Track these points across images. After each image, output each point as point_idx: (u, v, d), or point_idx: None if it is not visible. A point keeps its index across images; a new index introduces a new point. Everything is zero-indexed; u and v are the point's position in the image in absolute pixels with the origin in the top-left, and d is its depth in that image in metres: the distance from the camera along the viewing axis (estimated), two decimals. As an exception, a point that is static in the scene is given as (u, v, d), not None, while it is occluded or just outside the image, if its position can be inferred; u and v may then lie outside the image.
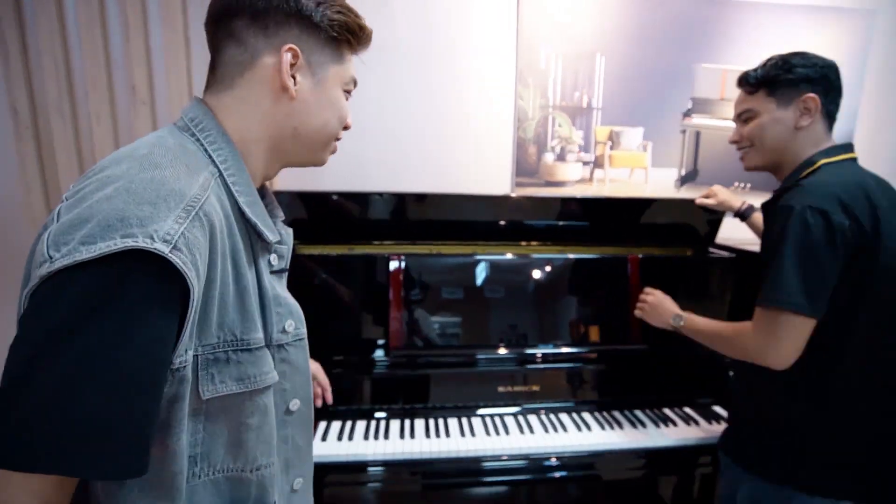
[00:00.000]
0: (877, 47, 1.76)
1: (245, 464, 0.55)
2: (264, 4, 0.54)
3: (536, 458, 1.15)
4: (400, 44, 1.59)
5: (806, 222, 0.82)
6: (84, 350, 0.39)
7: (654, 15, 1.65)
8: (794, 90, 0.93)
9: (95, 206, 0.42)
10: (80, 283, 0.40)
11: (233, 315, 0.51)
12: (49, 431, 0.38)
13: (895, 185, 0.95)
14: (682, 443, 1.19)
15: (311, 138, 0.60)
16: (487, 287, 1.35)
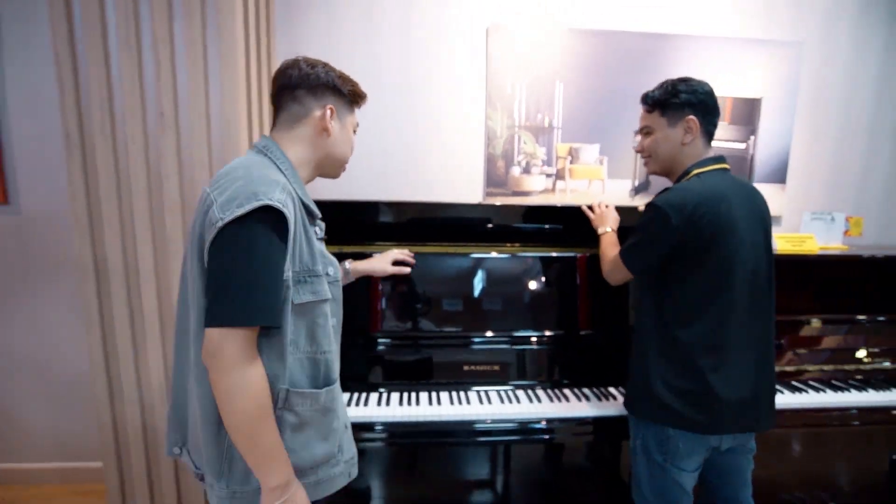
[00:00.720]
0: (806, 73, 1.99)
1: (317, 349, 0.86)
2: (315, 82, 0.89)
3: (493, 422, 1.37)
4: (385, 74, 1.86)
5: (658, 212, 1.09)
6: (258, 253, 0.75)
7: (606, 48, 1.90)
8: (680, 112, 1.13)
9: (238, 190, 0.76)
10: (245, 225, 0.74)
11: (305, 255, 0.84)
12: (247, 300, 0.74)
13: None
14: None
15: (336, 160, 0.96)
16: (461, 281, 1.58)
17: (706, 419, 1.09)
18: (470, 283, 1.59)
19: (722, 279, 1.08)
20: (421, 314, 1.56)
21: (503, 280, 1.60)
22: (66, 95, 1.43)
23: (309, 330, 0.85)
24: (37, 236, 1.87)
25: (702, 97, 1.13)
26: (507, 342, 1.56)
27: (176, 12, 1.42)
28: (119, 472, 1.65)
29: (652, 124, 1.18)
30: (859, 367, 1.64)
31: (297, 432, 0.84)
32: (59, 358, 1.96)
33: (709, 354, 1.09)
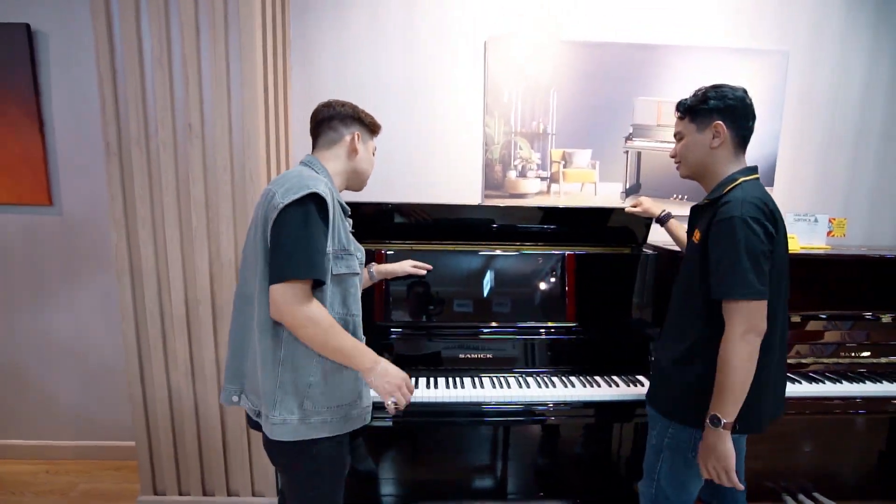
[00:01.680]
0: (792, 80, 2.08)
1: (347, 312, 1.11)
2: (345, 115, 1.17)
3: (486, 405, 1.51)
4: (390, 85, 2.01)
5: (751, 229, 1.04)
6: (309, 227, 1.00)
7: (599, 59, 2.02)
8: (708, 118, 1.16)
9: (294, 184, 1.02)
10: (297, 207, 0.99)
11: (342, 237, 1.09)
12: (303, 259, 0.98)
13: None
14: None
15: (360, 175, 1.22)
16: (460, 276, 1.72)
17: (757, 423, 1.15)
18: (483, 278, 1.72)
19: (780, 284, 1.12)
20: (420, 307, 1.71)
21: (513, 275, 1.74)
22: (106, 108, 1.61)
23: (342, 297, 1.10)
24: (76, 235, 2.07)
25: (730, 102, 1.14)
26: (515, 333, 1.69)
27: (202, 35, 1.58)
28: (149, 450, 1.83)
29: (683, 130, 1.22)
30: (837, 360, 1.73)
31: (330, 377, 1.09)
32: (96, 346, 2.16)
33: (765, 361, 1.11)
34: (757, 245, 1.05)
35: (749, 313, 1.06)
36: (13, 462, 2.19)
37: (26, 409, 2.20)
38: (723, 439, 1.06)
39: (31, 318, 2.13)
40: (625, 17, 2.01)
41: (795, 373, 1.70)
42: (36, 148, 1.98)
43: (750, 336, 1.06)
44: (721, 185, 1.16)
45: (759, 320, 1.06)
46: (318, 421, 1.07)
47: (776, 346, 1.16)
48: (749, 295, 1.05)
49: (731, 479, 1.07)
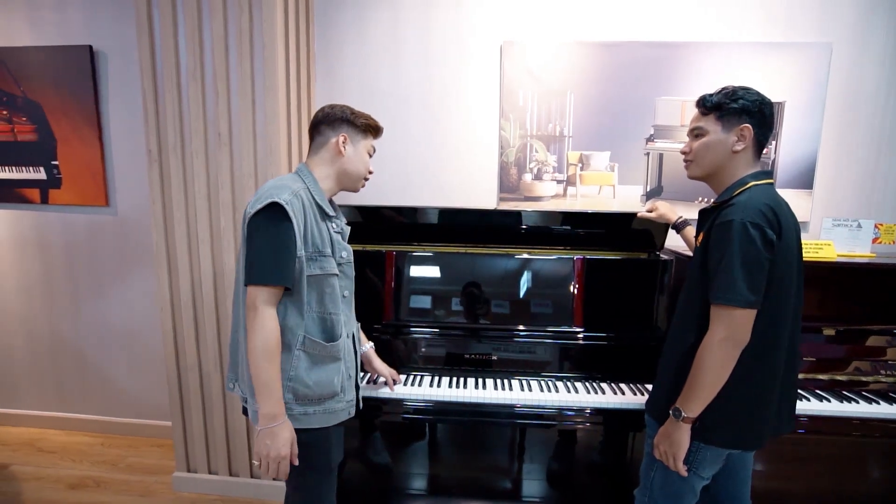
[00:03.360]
0: (836, 75, 1.93)
1: (325, 310, 1.17)
2: (332, 118, 1.21)
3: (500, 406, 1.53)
4: (408, 90, 2.07)
5: (749, 234, 1.01)
6: (272, 235, 1.07)
7: (617, 59, 1.97)
8: (736, 118, 1.10)
9: (259, 195, 1.11)
10: (260, 216, 1.08)
11: (317, 240, 1.14)
12: (265, 266, 1.06)
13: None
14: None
15: (351, 176, 1.24)
16: (468, 278, 1.75)
17: (749, 438, 1.12)
18: (492, 281, 1.75)
19: (781, 295, 1.07)
20: (426, 307, 1.75)
21: (524, 279, 1.75)
22: (149, 118, 1.79)
23: (318, 295, 1.16)
24: (129, 232, 2.30)
25: (760, 105, 1.10)
26: (523, 336, 1.71)
27: (231, 53, 1.72)
28: (183, 430, 2.00)
29: (706, 126, 1.15)
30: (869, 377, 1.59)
31: (311, 370, 1.15)
32: (144, 332, 2.39)
33: (760, 373, 1.09)
34: (752, 251, 1.01)
35: (731, 320, 1.03)
36: (75, 433, 2.47)
37: (87, 388, 2.47)
38: (679, 429, 1.10)
39: (93, 306, 2.39)
40: (644, 15, 1.96)
41: (846, 390, 1.58)
42: (96, 155, 2.23)
43: (727, 344, 1.03)
44: (730, 189, 1.13)
45: (741, 329, 1.03)
46: (299, 412, 1.14)
47: (779, 358, 1.10)
48: (734, 301, 1.02)
49: (678, 466, 1.12)
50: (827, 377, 1.61)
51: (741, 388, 1.08)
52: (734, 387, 1.07)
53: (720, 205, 1.11)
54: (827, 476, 1.74)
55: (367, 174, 1.28)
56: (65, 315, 2.41)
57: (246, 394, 1.19)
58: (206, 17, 1.71)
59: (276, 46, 1.70)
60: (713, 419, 1.09)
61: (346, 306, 1.23)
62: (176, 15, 1.72)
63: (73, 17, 2.16)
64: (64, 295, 2.39)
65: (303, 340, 1.13)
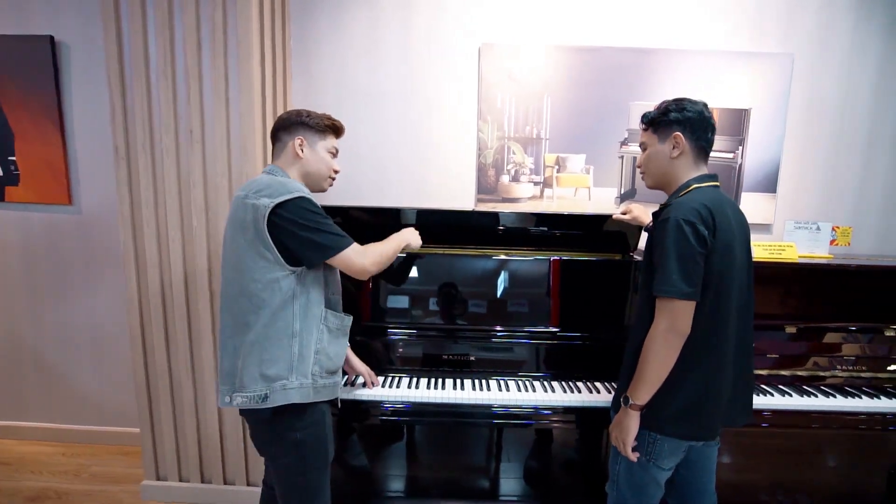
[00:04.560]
0: (798, 84, 2.02)
1: (330, 291, 1.28)
2: (287, 123, 1.25)
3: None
4: (386, 90, 2.06)
5: (682, 231, 1.09)
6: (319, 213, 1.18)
7: (593, 64, 2.01)
8: (668, 129, 1.21)
9: (275, 189, 1.16)
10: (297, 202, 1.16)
11: None
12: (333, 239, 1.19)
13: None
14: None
15: (313, 177, 1.28)
16: (447, 278, 1.75)
17: (700, 428, 1.18)
18: (467, 282, 1.76)
19: (722, 289, 1.13)
20: (407, 307, 1.75)
21: (499, 280, 1.76)
22: (116, 115, 1.72)
23: (331, 278, 1.27)
24: (94, 232, 2.21)
25: (689, 115, 1.19)
26: (499, 336, 1.72)
27: (204, 49, 1.67)
28: (152, 437, 1.94)
29: (646, 141, 1.28)
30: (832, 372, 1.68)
31: (331, 343, 1.25)
32: (109, 336, 2.29)
33: (707, 365, 1.14)
34: (684, 246, 1.09)
35: (671, 311, 1.10)
36: (34, 443, 2.35)
37: (46, 394, 2.36)
38: (629, 416, 1.17)
39: (53, 309, 2.29)
40: (619, 21, 2.00)
41: (810, 385, 1.66)
42: (58, 152, 2.13)
43: (669, 335, 1.10)
44: (675, 192, 1.22)
45: (680, 320, 1.10)
46: (321, 385, 1.22)
47: (725, 351, 1.16)
48: (671, 293, 1.09)
49: (627, 451, 1.19)
50: (789, 373, 1.69)
51: (689, 379, 1.14)
52: (682, 378, 1.14)
53: (664, 206, 1.20)
54: (789, 467, 1.82)
55: (332, 174, 1.30)
56: (23, 318, 2.29)
57: (261, 389, 1.16)
58: (178, 10, 1.66)
59: (250, 43, 1.66)
60: (665, 410, 1.16)
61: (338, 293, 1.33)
62: (145, 7, 1.66)
63: (34, 6, 2.05)
64: (22, 297, 2.28)
65: (325, 315, 1.23)
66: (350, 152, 2.02)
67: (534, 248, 1.88)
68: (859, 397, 1.59)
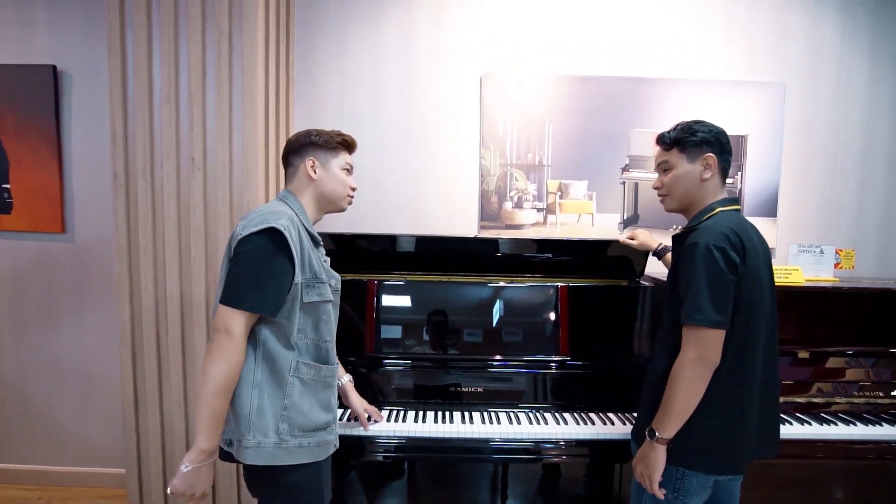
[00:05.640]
0: (790, 111, 2.07)
1: (320, 338, 1.13)
2: (296, 145, 1.19)
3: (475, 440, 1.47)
4: (388, 118, 2.08)
5: (712, 256, 1.04)
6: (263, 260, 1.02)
7: (593, 92, 2.05)
8: (698, 150, 1.16)
9: (253, 218, 1.06)
10: (256, 238, 1.03)
11: (314, 266, 1.11)
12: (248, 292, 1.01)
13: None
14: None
15: (330, 197, 1.21)
16: (450, 307, 1.71)
17: (730, 461, 1.12)
18: (473, 310, 1.71)
19: (751, 317, 1.09)
20: (407, 338, 1.70)
21: (505, 308, 1.72)
22: (116, 141, 1.70)
23: (314, 323, 1.12)
24: (87, 261, 2.15)
25: (717, 136, 1.17)
26: (507, 366, 1.66)
27: (209, 76, 1.68)
28: (139, 479, 1.82)
29: (671, 160, 1.20)
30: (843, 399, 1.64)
31: (304, 397, 1.10)
32: (101, 370, 2.19)
33: (736, 395, 1.09)
34: (715, 273, 1.05)
35: (700, 340, 1.05)
36: (8, 487, 2.20)
37: (27, 433, 2.22)
38: (655, 451, 1.10)
39: (40, 342, 2.19)
40: (619, 51, 2.06)
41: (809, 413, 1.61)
42: (53, 179, 2.09)
43: (698, 365, 1.05)
44: (699, 215, 1.18)
45: (711, 350, 1.05)
46: (294, 445, 1.07)
47: (754, 381, 1.11)
48: (701, 321, 1.04)
49: (654, 488, 1.12)
50: (804, 400, 1.64)
51: (718, 410, 1.09)
52: (711, 410, 1.08)
53: (688, 230, 1.16)
54: (807, 500, 1.74)
55: (350, 192, 1.23)
56: (7, 352, 2.19)
57: (230, 434, 1.08)
58: (183, 37, 1.67)
59: (255, 71, 1.67)
60: (693, 444, 1.10)
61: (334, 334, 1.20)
62: (151, 36, 1.67)
63: (39, 36, 2.07)
64: (7, 328, 2.18)
65: (296, 366, 1.08)
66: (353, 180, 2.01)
67: (538, 274, 1.85)
68: (870, 424, 1.55)
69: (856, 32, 2.06)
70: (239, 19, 1.66)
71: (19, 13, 2.06)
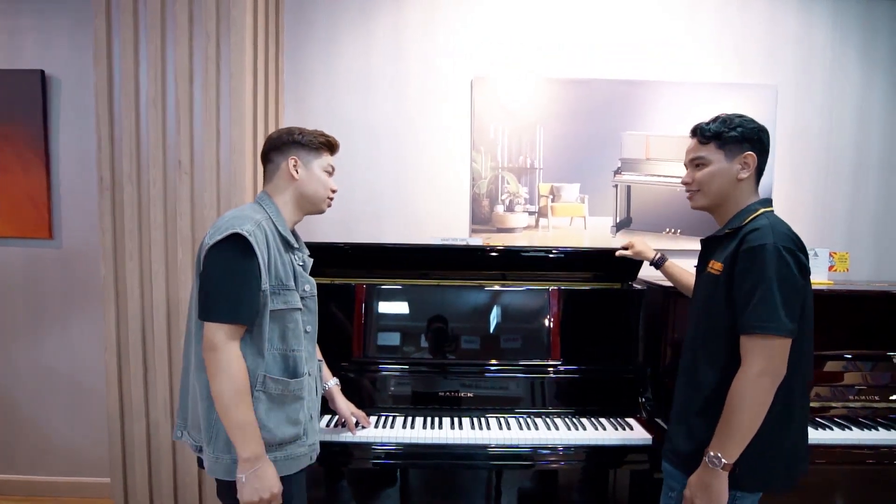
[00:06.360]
0: (782, 114, 2.06)
1: (287, 347, 1.09)
2: (279, 143, 1.15)
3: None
4: (379, 122, 2.06)
5: (784, 259, 0.96)
6: (234, 268, 1.00)
7: (584, 95, 2.04)
8: (738, 146, 1.07)
9: (220, 225, 1.03)
10: (220, 247, 1.00)
11: (281, 272, 1.07)
12: (227, 302, 0.99)
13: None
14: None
15: (310, 197, 1.17)
16: (441, 310, 1.69)
17: (789, 478, 1.04)
18: (464, 314, 1.69)
19: (806, 325, 1.02)
20: (397, 342, 1.67)
21: (496, 311, 1.70)
22: (102, 145, 1.68)
23: (281, 332, 1.08)
24: (75, 267, 2.12)
25: (759, 134, 1.08)
26: (498, 370, 1.64)
27: (196, 80, 1.67)
28: (124, 487, 1.78)
29: (707, 156, 1.11)
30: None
31: (271, 411, 1.06)
32: (89, 378, 2.16)
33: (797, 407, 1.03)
34: (790, 277, 0.96)
35: (770, 352, 0.96)
36: (-4, 497, 2.17)
37: (13, 442, 2.19)
38: (718, 478, 0.98)
39: (27, 349, 2.16)
40: (610, 54, 2.05)
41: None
42: (41, 185, 2.07)
43: (765, 378, 0.96)
44: (740, 216, 1.08)
45: (780, 362, 0.96)
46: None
47: (804, 392, 1.05)
48: (775, 331, 0.95)
49: None
50: (818, 405, 1.60)
51: (778, 424, 1.00)
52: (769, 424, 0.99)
53: (733, 232, 1.07)
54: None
55: (330, 193, 1.20)
56: (-7, 360, 2.16)
57: (201, 442, 1.07)
58: (171, 43, 1.66)
59: (243, 75, 1.66)
60: (750, 463, 1.00)
61: (308, 342, 1.16)
62: (137, 40, 1.66)
63: (27, 41, 2.05)
64: (-7, 337, 2.15)
65: (263, 380, 1.05)
66: (344, 184, 1.98)
67: (531, 272, 1.82)
68: (870, 429, 1.52)
69: (847, 35, 2.06)
70: (226, 23, 1.65)
71: (7, 18, 2.05)
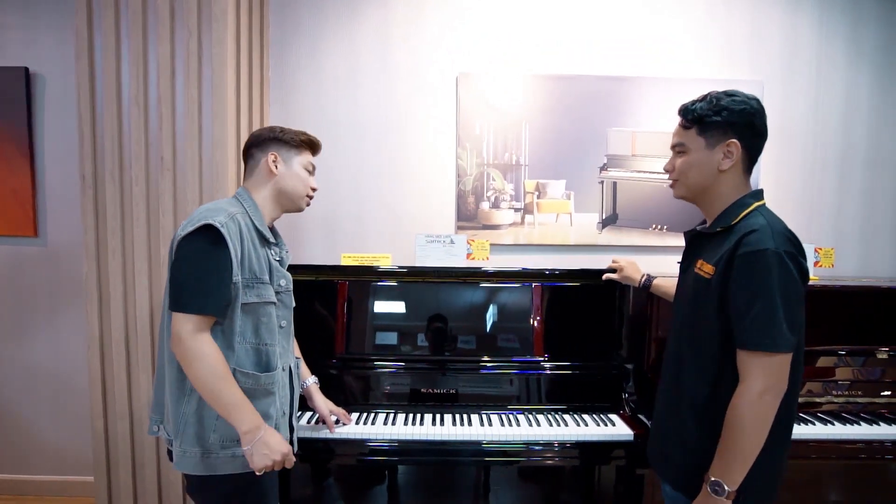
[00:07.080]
0: (768, 110, 2.05)
1: (260, 341, 1.09)
2: (260, 139, 1.17)
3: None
4: (364, 119, 2.06)
5: (787, 266, 0.87)
6: (204, 259, 0.99)
7: (570, 91, 2.04)
8: (721, 133, 0.96)
9: (192, 217, 1.03)
10: (192, 239, 1.00)
11: (255, 265, 1.07)
12: (195, 293, 0.98)
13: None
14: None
15: (289, 194, 1.17)
16: (433, 308, 1.69)
17: (775, 490, 0.99)
18: (449, 310, 1.69)
19: (803, 334, 0.95)
20: (382, 339, 1.67)
21: (482, 307, 1.70)
22: (84, 142, 1.68)
23: (254, 325, 1.08)
24: (60, 265, 2.12)
25: (748, 117, 0.96)
26: (483, 367, 1.64)
27: (178, 75, 1.66)
28: (108, 485, 1.78)
29: (687, 143, 1.02)
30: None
31: None
32: (74, 376, 2.15)
33: (790, 419, 0.98)
34: (794, 288, 0.88)
35: (772, 369, 0.88)
36: (-19, 497, 2.16)
37: (0, 441, 2.18)
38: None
39: (12, 347, 2.15)
40: (596, 50, 2.05)
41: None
42: (25, 182, 2.07)
43: (768, 396, 0.89)
44: (731, 212, 0.98)
45: (782, 378, 0.89)
46: (226, 455, 1.03)
47: (797, 398, 0.99)
48: (778, 347, 0.87)
49: None
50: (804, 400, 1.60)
51: (780, 438, 0.95)
52: (770, 441, 0.92)
53: (725, 230, 0.98)
54: (799, 502, 1.71)
55: (310, 191, 1.21)
56: (-22, 359, 2.16)
57: (172, 435, 1.07)
58: (152, 39, 1.65)
59: (225, 71, 1.66)
60: (752, 483, 0.93)
61: (283, 337, 1.15)
62: (119, 36, 1.65)
63: (11, 37, 2.05)
64: (-21, 336, 2.15)
65: (232, 374, 1.03)
66: (329, 181, 2.00)
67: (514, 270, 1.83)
68: (858, 424, 1.52)
69: (833, 30, 2.05)
70: (208, 20, 1.65)
71: (-9, 15, 2.04)
